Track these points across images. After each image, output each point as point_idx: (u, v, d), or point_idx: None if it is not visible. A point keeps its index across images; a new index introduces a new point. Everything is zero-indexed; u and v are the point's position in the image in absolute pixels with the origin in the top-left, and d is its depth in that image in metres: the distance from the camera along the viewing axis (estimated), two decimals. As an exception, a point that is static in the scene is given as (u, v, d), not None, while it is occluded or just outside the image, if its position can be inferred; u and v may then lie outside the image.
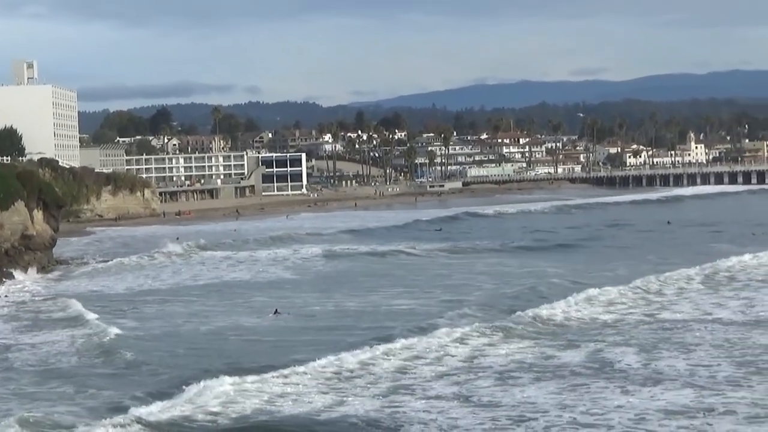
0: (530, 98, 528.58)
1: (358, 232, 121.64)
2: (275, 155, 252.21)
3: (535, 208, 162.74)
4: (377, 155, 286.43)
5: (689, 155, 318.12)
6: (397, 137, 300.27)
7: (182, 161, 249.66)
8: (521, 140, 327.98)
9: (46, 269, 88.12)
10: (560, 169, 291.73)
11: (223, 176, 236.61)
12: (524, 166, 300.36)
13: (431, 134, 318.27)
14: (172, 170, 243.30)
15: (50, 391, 40.64)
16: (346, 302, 63.29)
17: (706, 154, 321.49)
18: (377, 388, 38.90)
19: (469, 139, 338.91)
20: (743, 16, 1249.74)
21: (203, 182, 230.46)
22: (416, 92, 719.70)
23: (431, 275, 76.69)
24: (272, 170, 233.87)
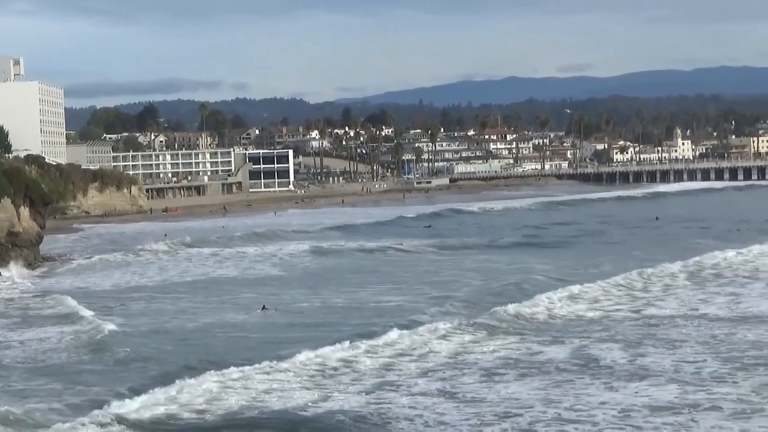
0: (517, 94, 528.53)
1: (345, 228, 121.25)
2: (262, 152, 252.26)
3: (522, 204, 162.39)
4: (364, 152, 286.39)
5: (676, 151, 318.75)
6: (384, 134, 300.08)
7: (169, 158, 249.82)
8: (508, 137, 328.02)
9: (32, 266, 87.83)
10: (547, 165, 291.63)
11: (210, 173, 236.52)
12: (511, 162, 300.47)
13: (418, 131, 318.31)
14: (159, 167, 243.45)
15: (39, 387, 40.51)
16: (333, 299, 63.27)
17: (692, 150, 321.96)
18: (362, 384, 38.94)
19: (456, 135, 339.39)
20: (730, 12, 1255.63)
21: (190, 179, 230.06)
22: (403, 88, 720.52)
23: (419, 272, 76.63)
24: (259, 167, 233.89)
